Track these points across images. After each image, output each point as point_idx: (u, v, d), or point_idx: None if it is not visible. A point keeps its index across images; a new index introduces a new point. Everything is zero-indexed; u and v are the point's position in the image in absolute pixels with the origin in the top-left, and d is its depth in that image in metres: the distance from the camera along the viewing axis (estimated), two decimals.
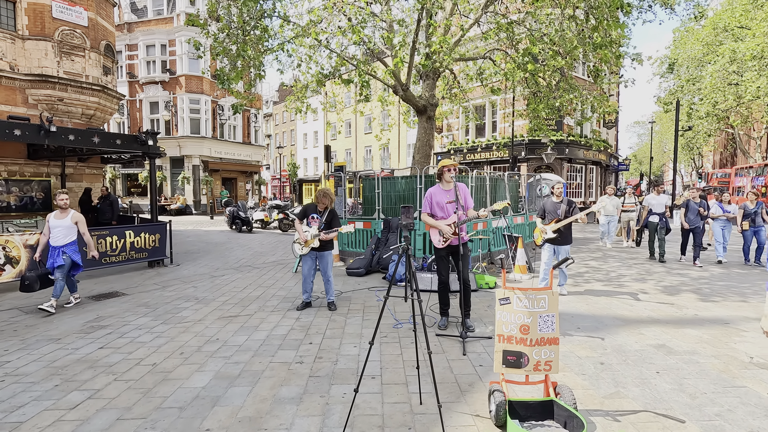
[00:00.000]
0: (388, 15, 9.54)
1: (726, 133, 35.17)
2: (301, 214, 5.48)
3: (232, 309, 5.50)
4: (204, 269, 8.38)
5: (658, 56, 29.96)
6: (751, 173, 27.89)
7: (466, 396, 3.14)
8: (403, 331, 4.58)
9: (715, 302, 5.79)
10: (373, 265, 7.85)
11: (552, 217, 6.02)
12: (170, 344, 4.22)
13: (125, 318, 5.12)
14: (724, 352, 3.99)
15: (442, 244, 4.53)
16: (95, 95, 11.78)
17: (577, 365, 3.69)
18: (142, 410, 2.94)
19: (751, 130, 30.81)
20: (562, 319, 4.97)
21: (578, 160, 23.23)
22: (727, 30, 21.12)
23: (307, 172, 45.22)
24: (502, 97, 19.59)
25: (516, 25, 9.23)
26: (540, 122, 11.47)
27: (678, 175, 38.58)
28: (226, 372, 3.56)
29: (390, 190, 9.19)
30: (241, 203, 17.70)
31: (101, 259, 7.49)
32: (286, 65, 25.93)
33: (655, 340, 4.32)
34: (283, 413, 2.90)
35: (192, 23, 8.32)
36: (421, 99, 9.97)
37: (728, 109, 21.69)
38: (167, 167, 26.50)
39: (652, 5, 8.39)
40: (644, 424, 2.76)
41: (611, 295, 6.22)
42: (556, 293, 2.85)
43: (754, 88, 15.16)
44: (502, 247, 9.02)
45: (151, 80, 26.10)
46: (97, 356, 3.92)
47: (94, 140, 7.56)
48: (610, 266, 8.62)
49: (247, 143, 29.70)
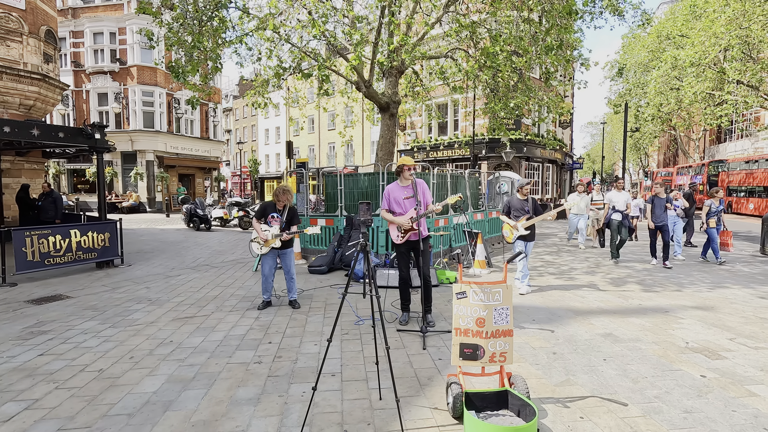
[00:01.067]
0: (350, 11, 9.48)
1: (669, 135, 37.67)
2: (259, 213, 5.34)
3: (187, 310, 5.30)
4: (158, 269, 8.02)
5: (609, 60, 31.58)
6: (691, 172, 30.07)
7: (425, 390, 3.19)
8: (365, 327, 4.59)
9: (656, 292, 6.19)
10: (335, 263, 7.80)
11: (519, 214, 6.19)
12: (119, 348, 4.01)
13: (69, 322, 4.81)
14: (663, 338, 4.28)
15: (400, 240, 4.57)
16: (35, 84, 10.95)
17: (531, 356, 3.84)
18: (87, 419, 2.78)
19: (691, 132, 33.16)
20: (519, 312, 5.15)
21: (536, 159, 24.11)
22: (669, 38, 22.59)
23: (269, 168, 44.26)
24: (463, 96, 20.01)
25: (477, 25, 9.43)
26: (498, 122, 11.79)
27: (627, 174, 40.82)
28: (179, 375, 3.42)
29: (353, 187, 9.16)
30: (199, 200, 17.05)
31: (43, 260, 6.99)
32: (245, 58, 25.08)
33: (603, 329, 4.56)
34: (239, 415, 2.83)
35: (144, 11, 7.89)
36: (384, 96, 9.98)
37: (671, 112, 23.23)
38: (118, 163, 25.09)
39: (603, 11, 8.82)
40: (591, 408, 2.91)
41: (564, 288, 6.52)
42: (511, 287, 2.94)
43: (691, 93, 16.32)
44: (462, 243, 9.22)
45: (100, 70, 24.58)
46: (37, 363, 3.66)
47: (33, 133, 7.03)
48: (563, 260, 9.02)
49: (206, 138, 28.64)
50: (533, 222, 6.08)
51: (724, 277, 7.24)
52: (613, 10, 8.69)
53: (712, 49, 14.92)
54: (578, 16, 8.39)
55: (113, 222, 8.19)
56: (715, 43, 14.76)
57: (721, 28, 14.36)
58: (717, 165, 26.50)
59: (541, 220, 6.12)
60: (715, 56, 15.39)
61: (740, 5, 14.06)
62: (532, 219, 6.07)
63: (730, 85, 15.80)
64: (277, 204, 5.30)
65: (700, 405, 2.95)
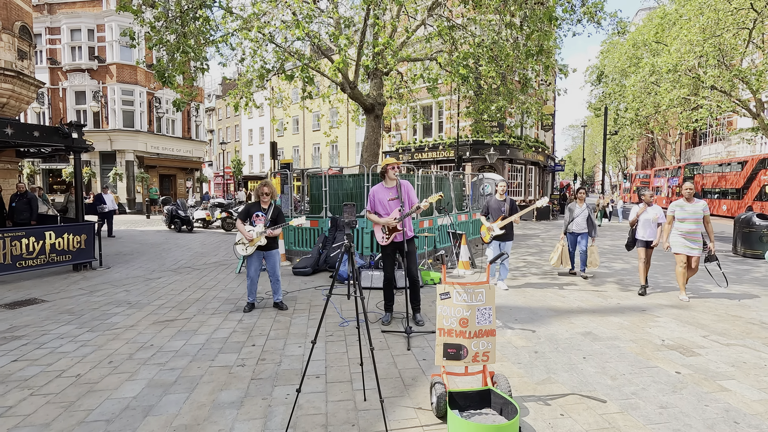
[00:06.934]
0: (335, 13, 9.47)
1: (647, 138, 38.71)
2: (243, 215, 5.29)
3: (168, 313, 5.20)
4: (138, 272, 7.85)
5: (590, 65, 32.32)
6: (667, 174, 30.96)
7: (409, 390, 3.21)
8: (349, 329, 4.59)
9: (634, 292, 6.35)
10: (320, 264, 7.77)
11: (497, 215, 6.30)
12: (97, 353, 3.91)
13: (44, 327, 4.67)
14: (640, 336, 4.40)
15: (385, 241, 4.59)
16: (8, 81, 10.60)
17: (513, 355, 3.90)
18: (63, 426, 2.71)
19: (667, 135, 34.15)
20: (501, 312, 5.22)
21: (519, 161, 24.48)
22: (645, 44, 23.23)
23: (253, 169, 43.75)
24: (447, 98, 20.18)
25: (459, 29, 9.53)
26: (481, 125, 11.94)
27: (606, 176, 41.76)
28: (160, 379, 3.36)
29: (338, 188, 9.13)
30: (180, 201, 16.75)
31: (15, 263, 6.77)
32: (229, 58, 24.77)
33: (583, 328, 4.66)
34: (222, 419, 2.80)
35: (124, 8, 7.72)
36: (368, 97, 9.99)
37: (648, 116, 23.88)
38: (96, 162, 24.44)
39: (581, 19, 9.03)
40: (571, 405, 2.98)
41: (545, 287, 6.63)
42: (493, 287, 2.99)
43: (667, 99, 16.85)
44: (446, 244, 9.30)
45: (77, 68, 23.92)
46: (10, 370, 3.55)
47: (7, 132, 6.81)
48: (545, 260, 9.17)
49: (188, 138, 28.15)
50: (507, 222, 6.18)
51: (698, 276, 7.47)
52: (591, 17, 8.91)
53: (687, 56, 15.41)
54: (558, 23, 8.57)
55: (91, 223, 7.99)
56: (690, 50, 15.25)
57: (696, 37, 14.85)
58: (692, 167, 27.35)
59: (514, 219, 6.23)
60: (691, 63, 15.89)
61: (714, 14, 14.56)
62: (507, 219, 6.18)
63: (705, 90, 16.34)
64: (261, 203, 5.27)
65: (675, 400, 3.05)
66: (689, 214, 5.78)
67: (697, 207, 5.79)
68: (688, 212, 5.79)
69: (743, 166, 21.42)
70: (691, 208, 5.80)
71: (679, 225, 5.86)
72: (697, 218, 5.77)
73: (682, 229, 5.84)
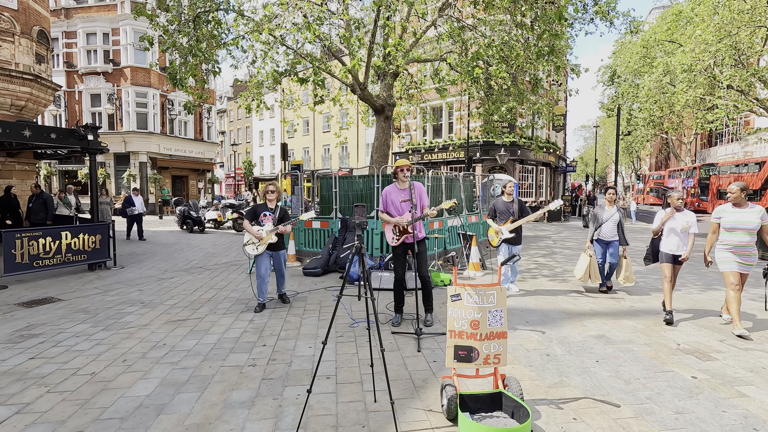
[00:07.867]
0: (345, 14, 9.50)
1: (661, 138, 38.09)
2: (250, 216, 5.37)
3: (180, 312, 5.26)
4: (151, 271, 7.96)
5: (602, 65, 31.92)
6: (682, 175, 30.43)
7: (419, 392, 3.20)
8: (359, 330, 4.59)
9: (648, 295, 6.25)
10: (330, 265, 7.79)
11: (505, 216, 6.11)
12: (111, 352, 3.97)
13: (60, 325, 4.76)
14: (655, 340, 4.32)
15: (396, 242, 4.58)
16: (27, 85, 10.84)
17: (524, 357, 3.86)
18: (78, 423, 2.75)
19: (682, 135, 33.57)
20: (512, 314, 5.17)
21: (529, 162, 24.29)
22: (658, 44, 22.88)
23: (264, 170, 44.11)
24: (457, 99, 20.12)
25: (469, 29, 9.49)
26: (491, 125, 11.87)
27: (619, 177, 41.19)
28: (173, 378, 3.40)
29: (348, 190, 9.16)
30: (192, 202, 16.95)
31: (32, 262, 6.91)
32: (240, 60, 25.04)
33: (596, 331, 4.60)
34: (233, 418, 2.82)
35: (139, 13, 7.85)
36: (378, 99, 10.01)
37: (662, 116, 23.51)
38: (111, 164, 24.88)
39: (593, 18, 8.93)
40: (584, 410, 2.93)
41: (557, 289, 6.55)
42: (504, 289, 2.97)
43: (683, 99, 16.57)
44: (457, 246, 9.25)
45: (93, 71, 24.38)
46: (27, 367, 3.62)
47: (25, 134, 6.96)
48: (556, 262, 9.07)
49: (200, 140, 28.49)
50: (518, 224, 5.99)
51: (713, 279, 7.32)
52: (603, 16, 8.80)
53: (703, 55, 15.15)
54: (568, 23, 8.49)
55: (106, 224, 8.13)
56: (705, 50, 14.99)
57: (711, 36, 14.59)
58: (708, 168, 26.83)
59: (526, 222, 6.05)
60: (707, 63, 15.62)
61: (728, 13, 14.29)
62: (517, 222, 6.00)
63: (721, 90, 16.04)
64: (268, 203, 5.38)
65: (691, 406, 2.99)
66: (741, 223, 4.50)
67: (751, 214, 4.49)
68: (740, 220, 4.51)
69: (761, 167, 20.94)
70: (744, 215, 4.51)
71: (727, 237, 4.58)
72: (751, 228, 4.47)
73: (730, 242, 4.56)
